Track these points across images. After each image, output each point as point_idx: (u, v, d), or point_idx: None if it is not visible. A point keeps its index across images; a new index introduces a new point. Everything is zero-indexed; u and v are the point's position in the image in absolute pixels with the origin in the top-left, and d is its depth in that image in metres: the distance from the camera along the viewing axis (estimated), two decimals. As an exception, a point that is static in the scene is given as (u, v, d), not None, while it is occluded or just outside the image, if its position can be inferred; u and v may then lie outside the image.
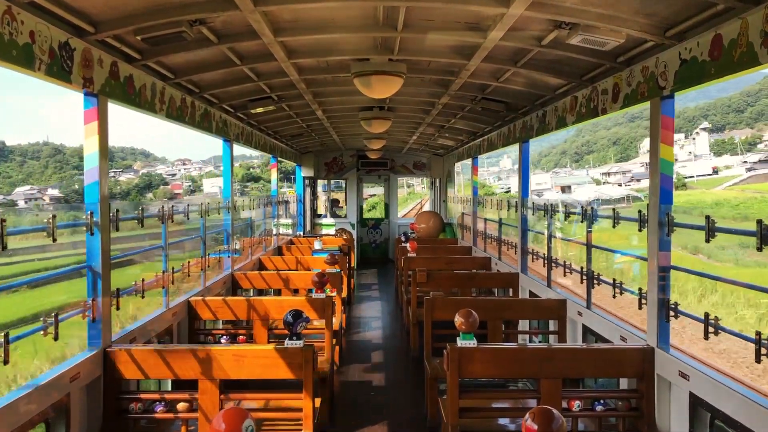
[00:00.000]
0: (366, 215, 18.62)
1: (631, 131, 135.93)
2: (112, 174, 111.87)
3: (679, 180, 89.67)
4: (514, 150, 8.67)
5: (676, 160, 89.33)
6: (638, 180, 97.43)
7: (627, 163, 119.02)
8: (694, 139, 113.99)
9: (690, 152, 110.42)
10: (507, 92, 7.19)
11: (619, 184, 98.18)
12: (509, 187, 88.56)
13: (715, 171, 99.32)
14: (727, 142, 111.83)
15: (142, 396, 4.48)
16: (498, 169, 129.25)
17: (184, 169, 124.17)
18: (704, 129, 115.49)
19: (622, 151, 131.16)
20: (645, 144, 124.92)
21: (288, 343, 4.51)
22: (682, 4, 3.69)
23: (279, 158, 12.50)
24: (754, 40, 3.22)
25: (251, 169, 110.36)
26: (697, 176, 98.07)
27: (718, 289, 19.24)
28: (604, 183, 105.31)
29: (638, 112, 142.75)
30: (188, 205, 6.28)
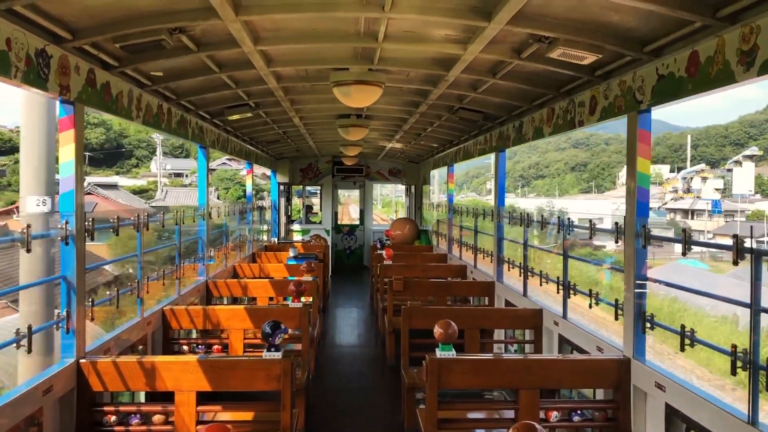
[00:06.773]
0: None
1: (594, 156, 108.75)
2: None
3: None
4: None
5: (686, 193, 72.19)
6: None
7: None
8: (729, 170, 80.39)
9: (717, 189, 74.24)
10: (485, 102, 7.23)
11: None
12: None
13: None
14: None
15: (117, 408, 4.39)
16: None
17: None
18: (749, 157, 78.45)
19: (590, 180, 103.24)
20: (624, 173, 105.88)
21: (266, 355, 4.47)
22: (660, 20, 3.75)
23: (253, 163, 12.41)
24: (730, 57, 3.28)
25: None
26: None
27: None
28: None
29: (583, 137, 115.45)
30: (163, 213, 6.20)
